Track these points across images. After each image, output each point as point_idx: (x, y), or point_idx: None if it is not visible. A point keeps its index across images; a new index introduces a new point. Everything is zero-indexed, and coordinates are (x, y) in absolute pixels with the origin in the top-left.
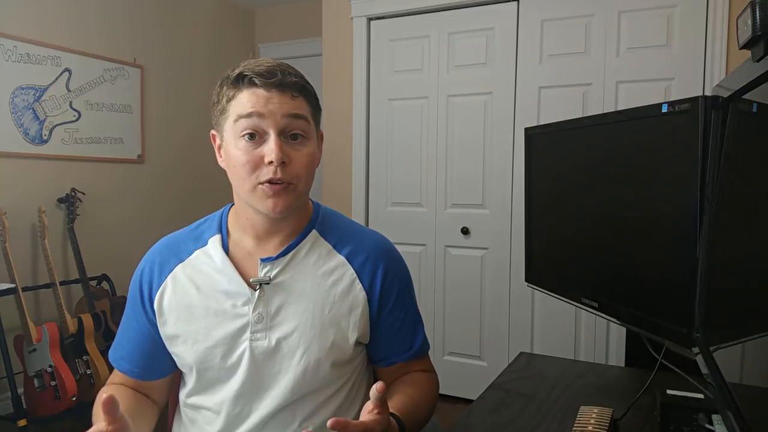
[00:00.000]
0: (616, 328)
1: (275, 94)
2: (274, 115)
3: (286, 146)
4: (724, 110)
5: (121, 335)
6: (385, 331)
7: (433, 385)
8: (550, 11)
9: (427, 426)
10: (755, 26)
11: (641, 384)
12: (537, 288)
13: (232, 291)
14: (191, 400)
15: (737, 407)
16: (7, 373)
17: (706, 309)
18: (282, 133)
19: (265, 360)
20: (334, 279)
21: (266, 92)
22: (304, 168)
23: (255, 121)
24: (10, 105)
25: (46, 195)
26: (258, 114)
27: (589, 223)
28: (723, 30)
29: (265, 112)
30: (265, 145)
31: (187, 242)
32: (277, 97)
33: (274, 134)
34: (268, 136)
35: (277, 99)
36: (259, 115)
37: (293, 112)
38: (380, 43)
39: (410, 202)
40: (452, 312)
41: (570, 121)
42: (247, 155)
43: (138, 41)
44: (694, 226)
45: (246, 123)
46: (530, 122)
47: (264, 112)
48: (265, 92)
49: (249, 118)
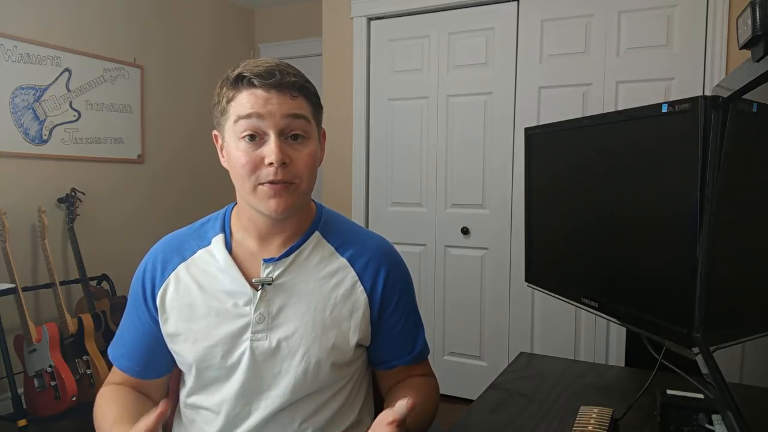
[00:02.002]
0: (616, 328)
1: (274, 94)
2: (274, 115)
3: (286, 147)
4: (724, 110)
5: (122, 333)
6: (386, 334)
7: (435, 390)
8: (550, 11)
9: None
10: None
11: (641, 384)
12: (537, 288)
13: (235, 291)
14: (191, 400)
15: (737, 407)
16: (7, 373)
17: (706, 309)
18: (282, 134)
19: (266, 360)
20: (335, 281)
21: (265, 93)
22: (305, 168)
23: (254, 122)
24: (10, 105)
25: (46, 195)
26: (257, 115)
27: (589, 222)
28: (723, 30)
29: (265, 113)
30: (266, 146)
31: (190, 241)
32: (276, 98)
33: (273, 135)
34: (268, 137)
35: (276, 99)
36: (258, 116)
37: (293, 112)
38: (380, 43)
39: (410, 202)
40: (452, 312)
41: (570, 121)
42: (247, 156)
43: (138, 41)
44: (694, 226)
45: (246, 124)
46: (530, 122)
47: (263, 113)
48: (264, 93)
49: (248, 119)
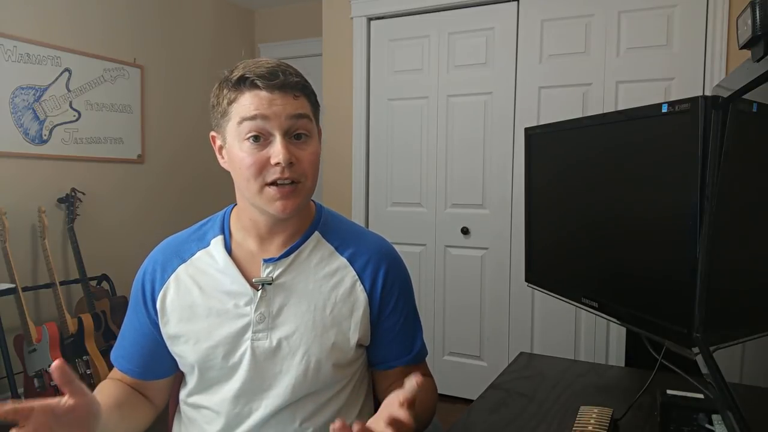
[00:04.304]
0: (616, 328)
1: (278, 95)
2: (279, 116)
3: (291, 146)
4: (724, 110)
5: (123, 336)
6: (386, 334)
7: (434, 390)
8: (550, 11)
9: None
10: (755, 26)
11: (641, 384)
12: (537, 288)
13: (235, 291)
14: (191, 400)
15: (737, 407)
16: (7, 373)
17: (706, 309)
18: (287, 134)
19: (266, 360)
20: (335, 281)
21: (269, 94)
22: (310, 166)
23: (259, 123)
24: (10, 105)
25: (46, 195)
26: (262, 116)
27: (589, 223)
28: (723, 30)
29: (270, 114)
30: (271, 147)
31: (189, 243)
32: (280, 99)
33: (279, 135)
34: (274, 138)
35: (281, 100)
36: (263, 118)
37: (297, 112)
38: (380, 43)
39: (410, 202)
40: (452, 312)
41: (570, 121)
42: (252, 157)
43: (138, 41)
44: (694, 226)
45: (250, 125)
46: (530, 122)
47: (268, 114)
48: (267, 94)
49: (253, 120)
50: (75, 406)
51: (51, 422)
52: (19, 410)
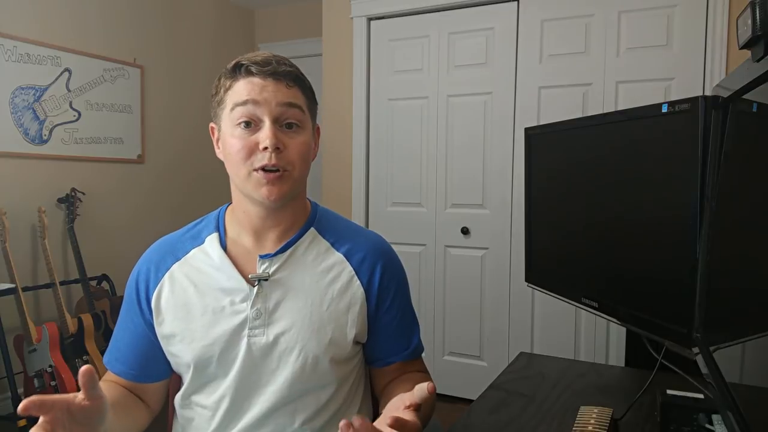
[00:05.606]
0: (616, 328)
1: (270, 82)
2: (269, 102)
3: (280, 133)
4: (724, 110)
5: (116, 338)
6: (383, 330)
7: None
8: (550, 11)
9: (427, 426)
10: (755, 26)
11: (641, 384)
12: (537, 288)
13: (231, 288)
14: (187, 399)
15: (737, 407)
16: (7, 373)
17: (706, 309)
18: (277, 121)
19: (263, 356)
20: (332, 276)
21: (262, 80)
22: (298, 155)
23: (250, 108)
24: (10, 105)
25: (46, 195)
26: (253, 101)
27: (589, 222)
28: (723, 30)
29: (260, 100)
30: (260, 132)
31: (184, 241)
32: (272, 86)
33: (269, 121)
34: (263, 124)
35: (272, 87)
36: (254, 103)
37: (288, 100)
38: (380, 43)
39: (410, 202)
40: (452, 312)
41: (570, 121)
42: (242, 142)
43: (138, 41)
44: (694, 227)
45: (242, 111)
46: (530, 122)
47: (259, 100)
48: (260, 80)
49: (244, 105)
50: (89, 407)
51: (64, 417)
52: (45, 402)
